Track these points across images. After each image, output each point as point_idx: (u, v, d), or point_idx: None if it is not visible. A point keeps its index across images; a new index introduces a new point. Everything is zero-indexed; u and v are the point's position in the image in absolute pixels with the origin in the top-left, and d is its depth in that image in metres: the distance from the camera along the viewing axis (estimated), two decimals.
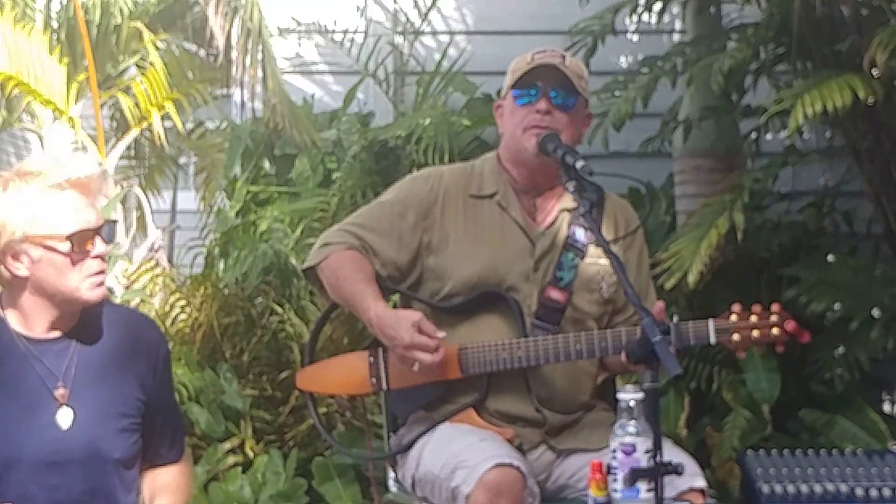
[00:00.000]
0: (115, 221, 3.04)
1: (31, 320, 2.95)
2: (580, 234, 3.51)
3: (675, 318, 4.36)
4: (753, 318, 3.34)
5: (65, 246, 2.89)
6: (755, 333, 3.33)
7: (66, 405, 2.95)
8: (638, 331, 3.28)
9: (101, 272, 2.96)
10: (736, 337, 3.33)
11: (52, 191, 2.89)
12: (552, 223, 3.53)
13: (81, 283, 2.93)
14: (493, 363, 3.40)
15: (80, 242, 2.90)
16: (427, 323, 3.35)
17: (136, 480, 3.08)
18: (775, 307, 3.36)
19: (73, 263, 2.91)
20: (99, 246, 2.93)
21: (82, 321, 3.00)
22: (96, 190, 2.98)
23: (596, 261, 3.51)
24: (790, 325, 3.33)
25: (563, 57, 3.52)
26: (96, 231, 2.93)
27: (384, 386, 3.53)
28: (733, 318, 3.34)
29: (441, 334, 3.35)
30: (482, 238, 3.50)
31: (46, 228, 2.88)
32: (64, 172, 2.90)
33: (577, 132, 3.51)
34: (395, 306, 3.57)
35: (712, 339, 3.33)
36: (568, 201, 3.52)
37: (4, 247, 2.88)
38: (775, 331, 3.33)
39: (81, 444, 2.93)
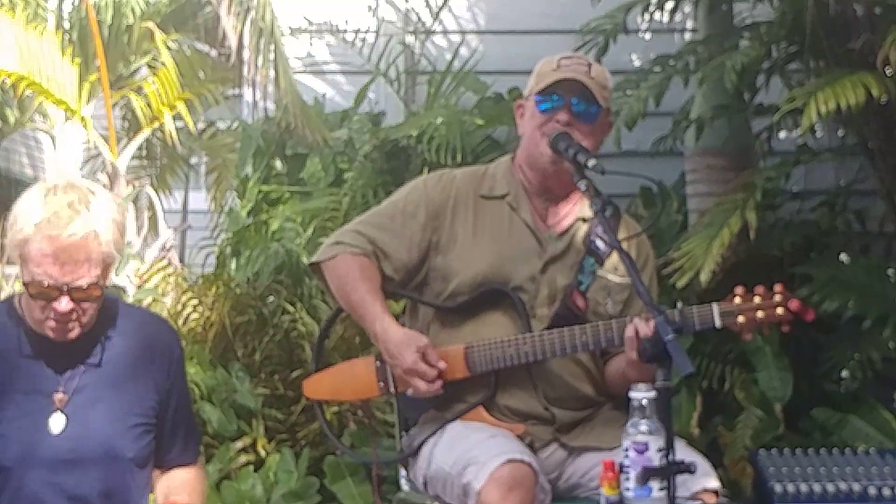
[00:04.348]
0: (104, 286, 2.98)
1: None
2: (599, 244, 3.51)
3: (680, 304, 4.33)
4: (757, 300, 3.33)
5: (24, 288, 2.89)
6: (760, 314, 3.31)
7: (61, 411, 2.96)
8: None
9: (66, 322, 2.92)
10: (741, 319, 3.31)
11: (40, 234, 2.85)
12: (567, 230, 3.54)
13: (44, 322, 2.93)
14: (499, 360, 3.41)
15: (38, 293, 2.88)
16: (432, 352, 3.38)
17: (149, 481, 3.09)
18: (778, 287, 3.34)
19: (37, 304, 2.91)
20: (62, 303, 2.88)
21: (98, 322, 3.00)
22: (82, 254, 2.88)
23: (606, 275, 3.52)
24: (794, 304, 3.32)
25: (590, 66, 3.51)
26: (63, 291, 2.87)
27: (392, 389, 3.54)
28: (737, 300, 3.33)
29: (442, 364, 3.37)
30: (490, 237, 3.51)
31: (22, 260, 2.88)
32: (53, 228, 2.85)
33: (597, 141, 3.52)
34: (400, 316, 3.58)
35: (717, 323, 3.32)
36: (585, 210, 3.52)
37: (11, 246, 2.91)
38: (780, 310, 3.32)
39: (85, 446, 2.94)
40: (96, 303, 2.95)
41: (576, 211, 3.56)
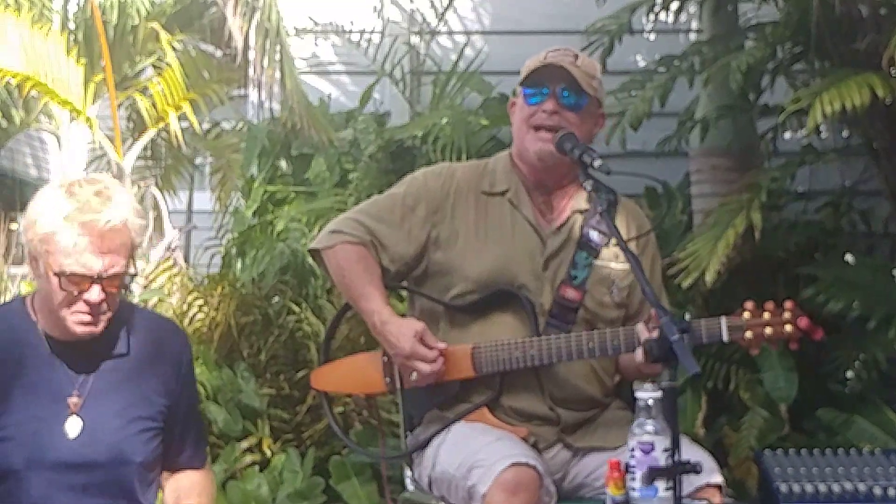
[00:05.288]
0: (134, 274, 3.00)
1: (54, 323, 2.97)
2: (594, 235, 3.51)
3: (688, 317, 4.32)
4: (766, 316, 3.32)
5: (54, 279, 2.89)
6: (768, 331, 3.31)
7: (77, 415, 2.96)
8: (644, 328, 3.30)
9: (92, 314, 2.93)
10: (749, 334, 3.31)
11: (72, 224, 2.87)
12: (564, 223, 3.54)
13: (68, 316, 2.93)
14: (506, 362, 3.41)
15: (69, 283, 2.89)
16: (429, 334, 3.39)
17: (156, 483, 3.10)
18: (788, 304, 3.34)
19: (63, 297, 2.91)
20: (94, 293, 2.90)
21: (110, 326, 3.00)
22: (117, 241, 2.91)
23: (607, 264, 3.52)
24: (803, 322, 3.31)
25: (576, 56, 3.52)
26: (95, 280, 2.90)
27: (398, 385, 3.54)
28: (746, 315, 3.32)
29: (442, 345, 3.38)
30: (492, 235, 3.51)
31: (49, 255, 2.89)
32: (91, 213, 2.87)
33: (587, 132, 3.52)
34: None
35: (725, 337, 3.32)
36: (581, 202, 3.53)
37: (28, 245, 2.91)
38: (788, 328, 3.31)
39: (95, 450, 2.94)
40: (119, 292, 2.96)
41: (572, 204, 3.56)
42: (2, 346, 2.97)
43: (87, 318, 2.92)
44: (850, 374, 5.23)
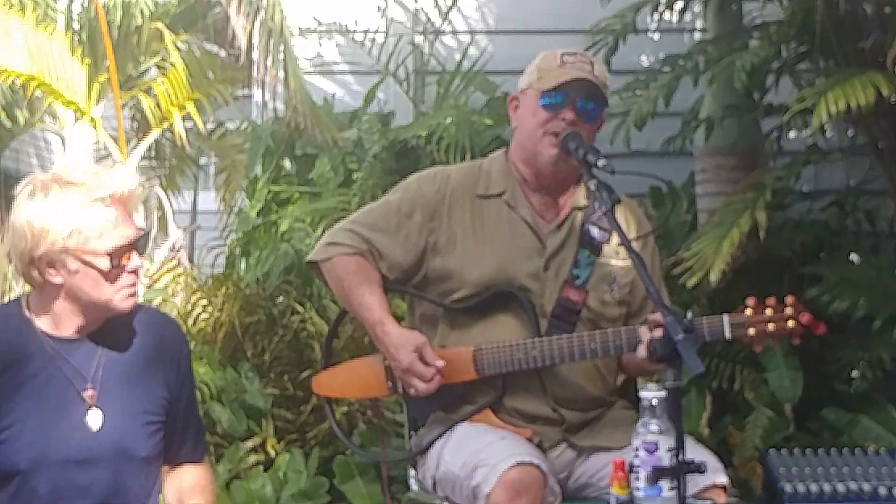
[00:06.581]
0: (147, 232, 3.03)
1: (60, 323, 2.96)
2: (595, 231, 3.50)
3: (690, 315, 4.30)
4: (768, 312, 3.33)
5: (103, 262, 2.90)
6: (771, 327, 3.31)
7: (96, 406, 2.96)
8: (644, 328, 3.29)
9: (134, 284, 2.98)
10: (751, 331, 3.32)
11: (94, 205, 2.88)
12: (563, 221, 3.52)
13: (115, 295, 2.94)
14: (508, 363, 3.40)
15: (117, 258, 2.92)
16: (429, 350, 3.38)
17: (158, 478, 3.10)
18: (790, 300, 3.35)
19: (109, 278, 2.92)
20: (134, 260, 2.95)
21: (110, 322, 3.01)
22: (135, 204, 2.99)
23: (609, 261, 3.51)
24: (805, 318, 3.32)
25: (592, 64, 3.49)
26: (132, 246, 2.94)
27: (400, 389, 3.53)
28: (748, 312, 3.33)
29: (440, 363, 3.37)
30: (490, 238, 3.50)
31: (87, 243, 2.88)
32: (106, 187, 2.90)
33: (593, 140, 3.50)
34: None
35: (727, 334, 3.32)
36: (580, 199, 3.52)
37: (42, 254, 2.88)
38: (791, 323, 3.32)
39: (110, 444, 2.95)
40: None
41: (571, 201, 3.55)
42: (2, 351, 2.97)
43: (132, 289, 2.97)
44: (855, 373, 5.23)
